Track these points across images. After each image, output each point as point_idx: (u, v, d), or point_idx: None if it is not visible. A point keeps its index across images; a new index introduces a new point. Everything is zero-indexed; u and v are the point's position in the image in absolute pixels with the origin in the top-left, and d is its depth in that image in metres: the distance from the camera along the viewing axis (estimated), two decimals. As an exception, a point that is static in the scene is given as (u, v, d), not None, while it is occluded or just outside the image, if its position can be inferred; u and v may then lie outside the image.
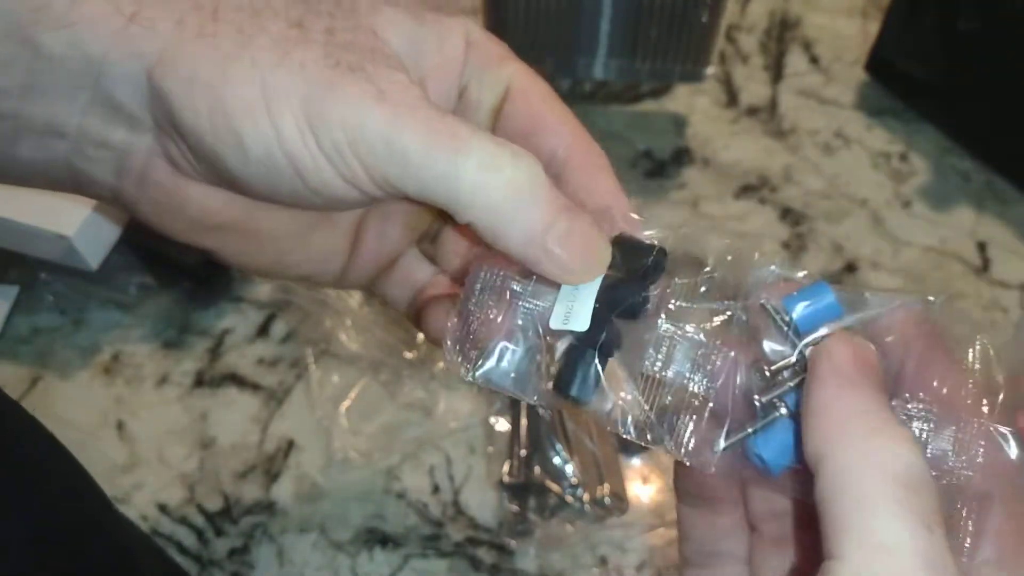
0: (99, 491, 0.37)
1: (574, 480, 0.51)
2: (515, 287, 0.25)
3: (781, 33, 0.76)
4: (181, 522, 0.52)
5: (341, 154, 0.23)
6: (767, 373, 0.24)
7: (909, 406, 0.23)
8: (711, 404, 0.24)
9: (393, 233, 0.30)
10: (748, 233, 0.64)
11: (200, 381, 0.57)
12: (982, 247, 0.63)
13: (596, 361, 0.24)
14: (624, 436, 0.24)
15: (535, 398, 0.25)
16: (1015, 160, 0.65)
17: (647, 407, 0.24)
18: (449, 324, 0.26)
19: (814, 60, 0.74)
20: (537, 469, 0.51)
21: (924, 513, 0.19)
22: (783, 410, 0.23)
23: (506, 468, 0.52)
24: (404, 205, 0.28)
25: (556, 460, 0.52)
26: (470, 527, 0.52)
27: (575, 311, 0.24)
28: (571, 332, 0.24)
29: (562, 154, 0.28)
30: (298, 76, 0.23)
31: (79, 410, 0.56)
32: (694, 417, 0.24)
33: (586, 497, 0.51)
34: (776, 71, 0.74)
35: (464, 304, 0.26)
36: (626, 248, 0.25)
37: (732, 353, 0.24)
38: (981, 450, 0.23)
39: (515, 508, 0.51)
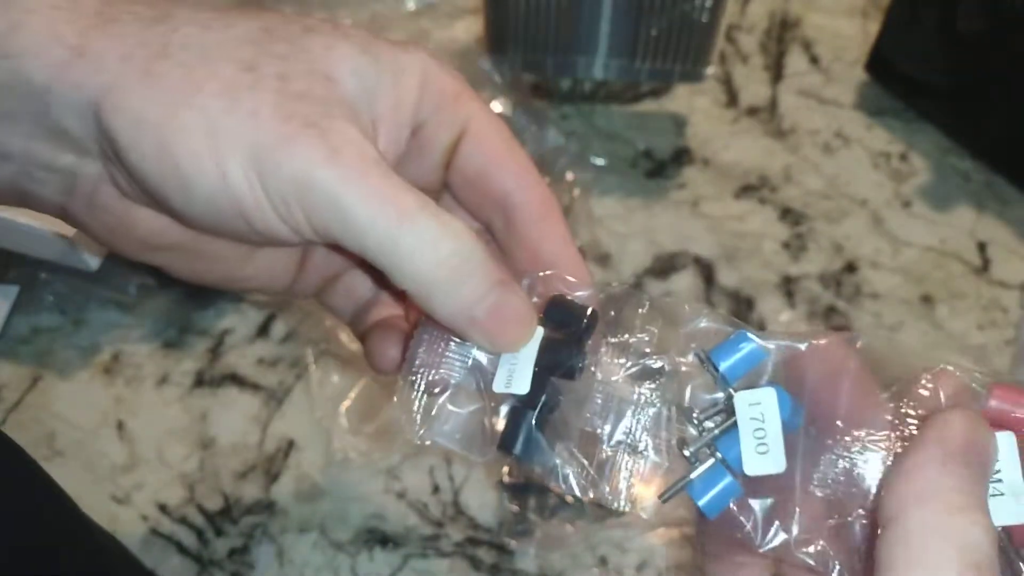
0: (70, 504, 0.36)
1: (574, 480, 0.51)
2: (458, 351, 0.27)
3: (781, 33, 0.76)
4: (181, 522, 0.52)
5: (287, 205, 0.24)
6: (696, 422, 0.25)
7: (847, 438, 0.24)
8: (648, 455, 0.25)
9: (337, 255, 0.30)
10: (748, 233, 0.64)
11: (200, 381, 0.57)
12: (982, 247, 0.63)
13: (534, 422, 0.25)
14: (567, 492, 0.26)
15: (481, 457, 0.26)
16: (1015, 160, 0.65)
17: (586, 463, 0.26)
18: (396, 389, 0.27)
19: (814, 60, 0.74)
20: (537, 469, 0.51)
21: None
22: (719, 454, 0.24)
23: (506, 468, 0.52)
24: None
25: (556, 460, 0.52)
26: (470, 527, 0.52)
27: (516, 374, 0.25)
28: (513, 394, 0.25)
29: (515, 198, 0.29)
30: (248, 126, 0.23)
31: (79, 410, 0.56)
32: (632, 469, 0.25)
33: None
34: (776, 71, 0.74)
35: (408, 367, 0.27)
36: (561, 310, 0.26)
37: (666, 405, 0.25)
38: None
39: (515, 508, 0.51)
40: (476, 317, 0.25)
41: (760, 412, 0.23)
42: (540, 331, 0.26)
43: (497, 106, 0.65)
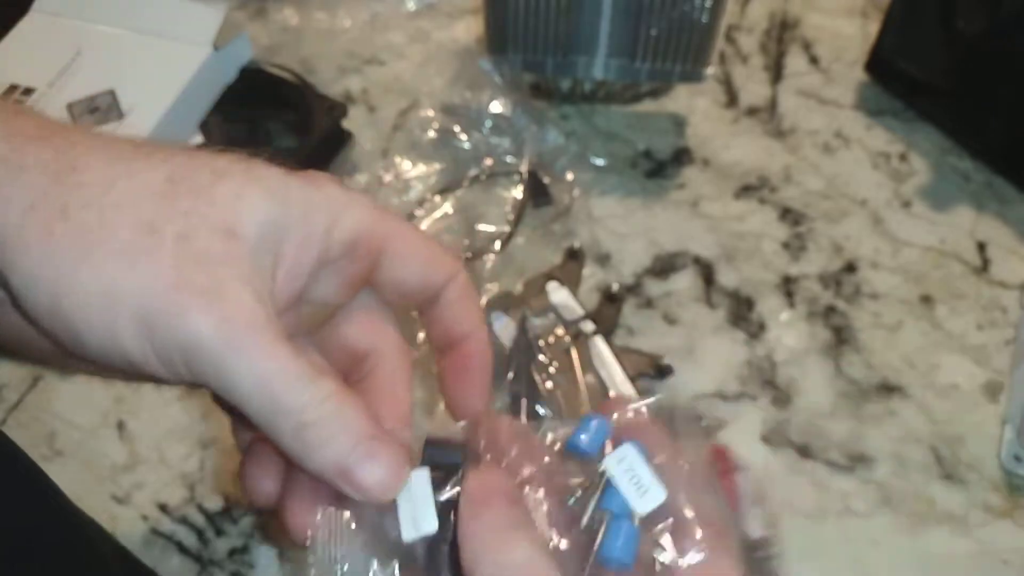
0: (68, 504, 0.36)
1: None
2: (355, 516, 0.28)
3: (781, 33, 0.76)
4: (181, 522, 0.52)
5: (173, 363, 0.25)
6: (572, 502, 0.28)
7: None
8: (559, 547, 0.27)
9: None
10: (748, 233, 0.64)
11: (200, 381, 0.57)
12: (982, 247, 0.63)
13: (450, 554, 0.27)
14: None
15: None
16: (1015, 160, 0.65)
17: None
18: None
19: (814, 60, 0.74)
20: None
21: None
22: (611, 510, 0.27)
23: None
24: None
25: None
26: (470, 527, 0.52)
27: (419, 516, 0.27)
28: (424, 536, 0.27)
29: (440, 297, 0.32)
30: (142, 292, 0.24)
31: (79, 410, 0.56)
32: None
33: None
34: (776, 71, 0.74)
35: (316, 557, 0.27)
36: (438, 449, 0.29)
37: (547, 500, 0.28)
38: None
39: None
40: (345, 471, 0.26)
41: (628, 464, 0.27)
42: (426, 471, 0.27)
43: (497, 106, 0.65)
